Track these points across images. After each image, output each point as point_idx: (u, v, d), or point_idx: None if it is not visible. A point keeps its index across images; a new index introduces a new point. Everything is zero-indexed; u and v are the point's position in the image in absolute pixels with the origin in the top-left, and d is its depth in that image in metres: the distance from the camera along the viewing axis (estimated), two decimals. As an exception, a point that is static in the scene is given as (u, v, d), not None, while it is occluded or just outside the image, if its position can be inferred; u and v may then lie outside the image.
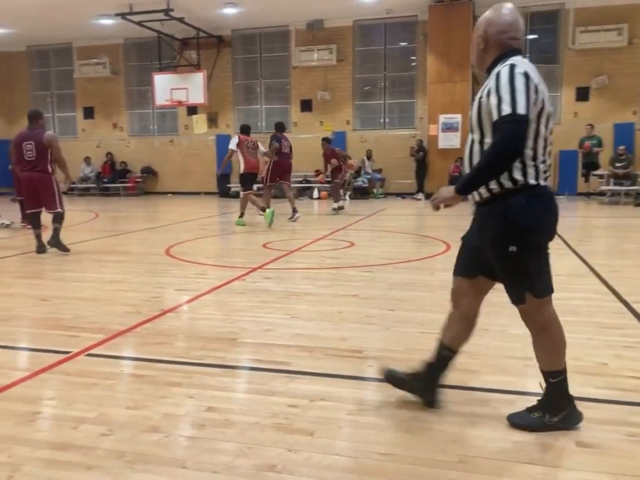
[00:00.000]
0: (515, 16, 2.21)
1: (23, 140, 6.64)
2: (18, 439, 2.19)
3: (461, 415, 2.35)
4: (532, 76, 2.05)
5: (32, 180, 6.61)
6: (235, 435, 2.20)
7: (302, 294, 4.54)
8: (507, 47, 2.18)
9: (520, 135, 1.98)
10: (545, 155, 2.14)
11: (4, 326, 3.74)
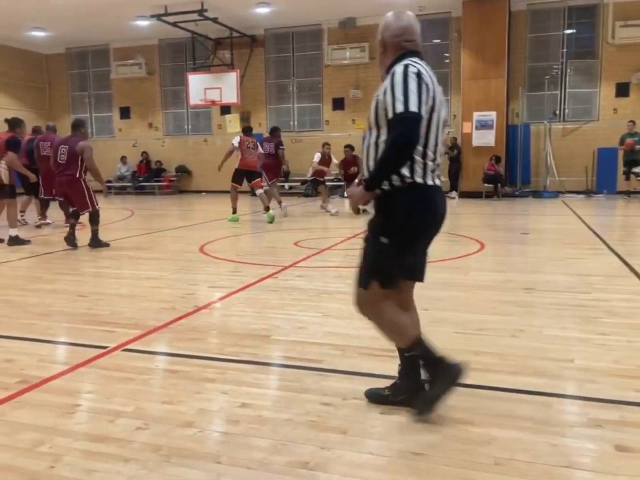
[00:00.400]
0: (409, 20, 2.32)
1: (60, 144, 6.93)
2: (59, 430, 2.25)
3: (497, 417, 2.31)
4: (425, 76, 2.14)
5: (61, 184, 6.96)
6: (268, 432, 2.21)
7: (334, 292, 4.54)
8: (403, 49, 2.27)
9: (414, 131, 2.08)
10: (436, 154, 2.23)
11: (45, 321, 3.84)
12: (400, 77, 2.10)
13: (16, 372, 2.88)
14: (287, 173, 13.19)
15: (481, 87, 14.63)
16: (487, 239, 7.36)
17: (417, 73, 2.12)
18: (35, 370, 2.91)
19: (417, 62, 2.19)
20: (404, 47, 2.28)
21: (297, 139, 17.73)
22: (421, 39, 2.36)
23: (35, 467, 1.97)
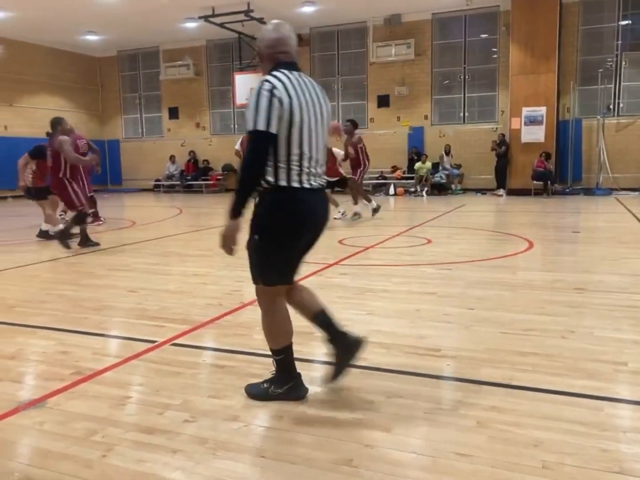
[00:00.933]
0: (283, 32, 2.42)
1: (48, 149, 7.05)
2: (111, 421, 2.33)
3: (544, 419, 2.26)
4: (279, 92, 2.22)
5: (52, 187, 7.09)
6: (312, 428, 2.23)
7: (378, 290, 4.53)
8: (276, 60, 2.38)
9: (259, 148, 2.23)
10: (303, 160, 2.30)
11: (97, 315, 3.99)
12: (254, 95, 2.22)
13: (71, 364, 3.00)
14: None
15: (530, 81, 14.27)
16: (535, 237, 7.18)
17: (270, 89, 2.21)
18: (89, 363, 3.02)
19: (281, 75, 2.28)
20: (277, 58, 2.38)
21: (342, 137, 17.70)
22: (296, 50, 2.46)
23: (89, 456, 2.05)
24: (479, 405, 2.40)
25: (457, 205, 12.36)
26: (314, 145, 2.35)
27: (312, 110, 2.33)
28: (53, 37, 17.52)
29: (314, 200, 2.39)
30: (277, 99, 2.20)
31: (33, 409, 2.45)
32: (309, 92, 2.34)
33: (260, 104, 2.20)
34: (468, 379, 2.69)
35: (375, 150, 17.23)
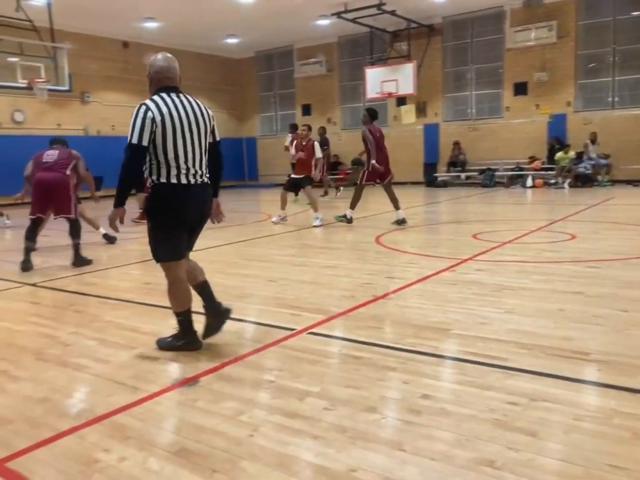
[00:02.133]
0: (170, 63, 3.14)
1: None
2: (256, 403, 2.47)
3: None
4: (153, 112, 2.91)
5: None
6: (451, 426, 2.19)
7: (517, 288, 4.32)
8: (162, 83, 3.08)
9: (132, 157, 2.92)
10: (179, 161, 2.98)
11: (241, 302, 4.23)
12: (133, 115, 2.91)
13: (218, 347, 3.22)
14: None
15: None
16: (701, 234, 6.41)
17: (145, 111, 2.90)
18: (234, 346, 3.22)
19: (157, 98, 2.98)
20: (162, 82, 3.08)
21: (474, 127, 17.11)
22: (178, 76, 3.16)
23: (237, 434, 2.19)
24: (636, 416, 2.20)
25: (604, 198, 11.39)
26: (189, 149, 3.01)
27: (187, 121, 3.00)
28: (198, 43, 18.80)
29: (189, 194, 3.04)
30: (150, 119, 2.88)
31: (187, 387, 2.67)
32: (184, 108, 3.01)
33: (135, 123, 2.89)
34: (622, 386, 2.48)
35: (511, 140, 16.44)
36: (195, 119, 3.05)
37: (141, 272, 5.59)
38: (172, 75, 3.11)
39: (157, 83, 3.08)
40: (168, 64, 3.12)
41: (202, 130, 3.07)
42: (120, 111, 16.30)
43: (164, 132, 2.92)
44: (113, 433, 2.23)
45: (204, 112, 3.13)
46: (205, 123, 3.11)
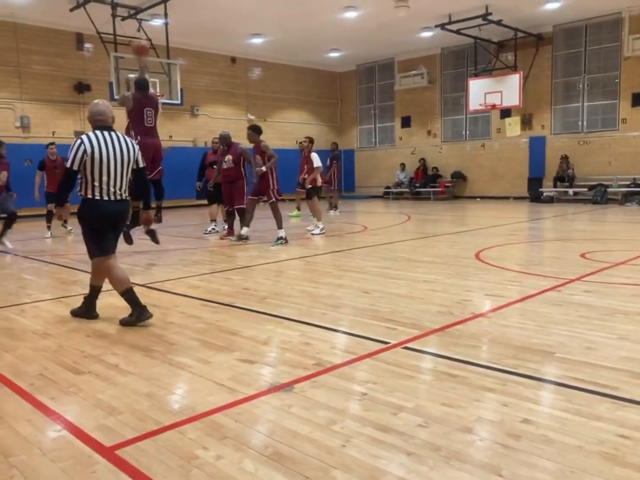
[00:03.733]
0: (104, 107, 4.10)
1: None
2: (349, 414, 2.47)
3: None
4: (85, 144, 3.93)
5: None
6: (555, 455, 2.06)
7: (631, 313, 4.01)
8: (97, 123, 4.07)
9: (67, 177, 4.02)
10: (102, 184, 3.98)
11: (335, 312, 4.26)
12: (72, 145, 3.97)
13: (312, 355, 3.26)
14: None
15: None
16: None
17: (80, 143, 3.94)
18: (328, 356, 3.24)
19: (91, 134, 3.98)
20: (97, 122, 4.06)
21: (585, 140, 16.20)
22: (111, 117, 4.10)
23: (330, 443, 2.19)
24: None
25: None
26: (112, 175, 3.99)
27: (113, 153, 3.97)
28: (301, 57, 19.35)
29: (109, 207, 4.02)
30: (83, 149, 3.91)
31: (282, 392, 2.72)
32: (112, 143, 3.98)
33: (72, 151, 3.92)
34: None
35: (627, 155, 15.38)
36: (121, 151, 4.02)
37: (242, 278, 5.79)
38: (104, 117, 4.06)
39: (95, 122, 4.06)
40: (104, 108, 4.08)
41: (125, 160, 4.04)
42: (227, 124, 17.07)
43: (92, 160, 3.92)
44: (211, 432, 2.32)
45: (129, 145, 4.09)
46: (129, 155, 4.08)
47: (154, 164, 7.05)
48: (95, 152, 3.91)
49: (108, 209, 4.02)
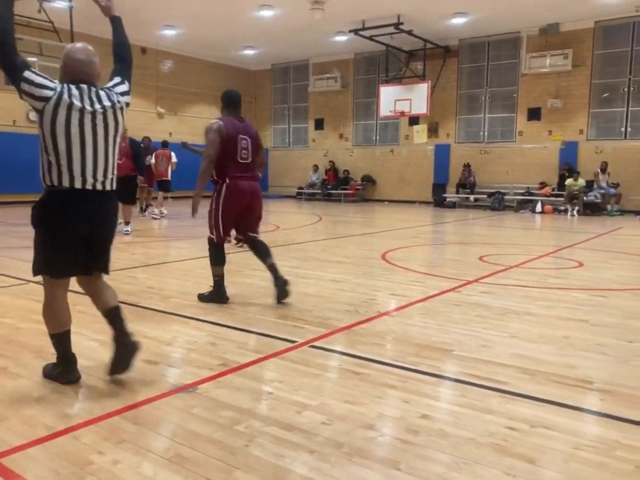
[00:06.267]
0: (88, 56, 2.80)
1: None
2: (253, 413, 2.45)
3: None
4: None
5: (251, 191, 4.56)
6: (449, 448, 2.16)
7: (522, 312, 4.29)
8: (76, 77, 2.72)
9: None
10: (72, 164, 2.61)
11: (243, 311, 4.22)
12: None
13: (218, 355, 3.20)
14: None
15: None
16: None
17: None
18: (235, 356, 3.20)
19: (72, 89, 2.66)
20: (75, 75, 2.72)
21: (486, 149, 17.15)
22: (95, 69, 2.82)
23: (233, 444, 2.17)
24: (639, 449, 2.17)
25: (613, 227, 11.35)
26: (96, 155, 2.68)
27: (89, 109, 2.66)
28: (215, 52, 19.02)
29: (86, 202, 2.67)
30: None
31: (185, 393, 2.65)
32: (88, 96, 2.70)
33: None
34: (626, 418, 2.45)
35: (522, 165, 16.45)
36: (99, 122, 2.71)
37: (146, 276, 5.59)
38: (90, 70, 2.77)
39: (71, 75, 2.71)
40: (89, 59, 2.78)
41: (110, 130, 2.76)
42: (136, 116, 16.43)
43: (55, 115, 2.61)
44: (108, 435, 2.22)
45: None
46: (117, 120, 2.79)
47: (251, 218, 4.57)
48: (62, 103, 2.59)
49: (71, 205, 2.66)
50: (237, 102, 4.65)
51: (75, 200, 2.65)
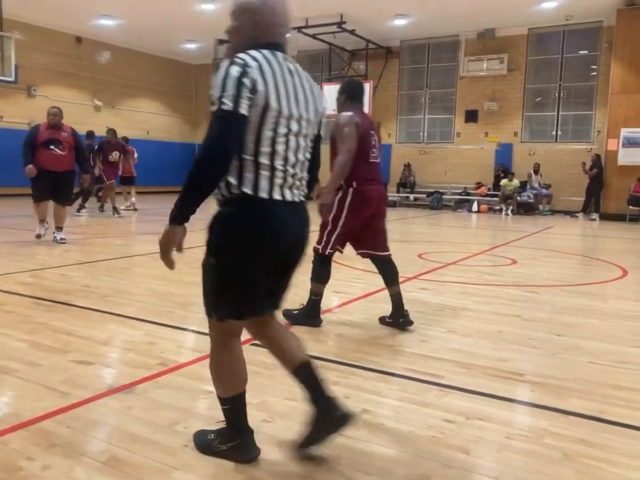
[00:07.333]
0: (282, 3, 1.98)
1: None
2: (193, 413, 2.41)
3: (637, 459, 2.11)
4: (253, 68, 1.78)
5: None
6: (389, 441, 2.20)
7: (458, 308, 4.42)
8: (266, 38, 1.95)
9: (225, 132, 1.73)
10: (275, 162, 1.84)
11: (182, 310, 4.14)
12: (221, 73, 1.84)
13: (157, 355, 3.13)
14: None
15: (632, 101, 13.53)
16: (630, 265, 6.76)
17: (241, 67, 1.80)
18: (174, 355, 3.14)
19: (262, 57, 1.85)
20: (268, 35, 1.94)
21: (425, 150, 17.54)
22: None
23: (172, 444, 2.12)
24: (566, 437, 2.28)
25: (544, 226, 11.87)
26: (294, 145, 1.91)
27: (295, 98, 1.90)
28: (155, 45, 18.55)
29: (292, 218, 1.93)
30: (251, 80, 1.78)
31: (122, 394, 2.58)
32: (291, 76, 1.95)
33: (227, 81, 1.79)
34: (554, 407, 2.57)
35: (460, 166, 16.94)
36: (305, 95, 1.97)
37: (81, 274, 5.39)
38: (285, 24, 1.98)
39: (262, 35, 1.92)
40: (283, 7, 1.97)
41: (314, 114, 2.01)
42: (69, 108, 15.81)
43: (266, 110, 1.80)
44: (39, 440, 2.12)
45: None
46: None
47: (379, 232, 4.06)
48: (273, 93, 1.81)
49: (278, 222, 1.88)
50: (363, 93, 4.10)
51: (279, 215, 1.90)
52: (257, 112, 1.78)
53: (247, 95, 1.75)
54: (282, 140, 1.85)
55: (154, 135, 19.46)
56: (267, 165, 1.83)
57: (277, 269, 1.99)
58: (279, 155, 1.85)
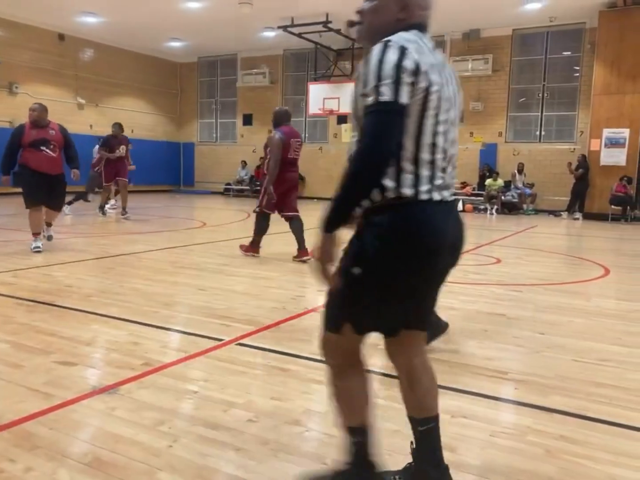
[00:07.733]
0: None
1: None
2: (178, 413, 2.40)
3: (621, 456, 2.14)
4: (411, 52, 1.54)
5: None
6: (376, 439, 2.20)
7: (444, 307, 4.43)
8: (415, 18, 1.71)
9: (385, 129, 1.50)
10: (436, 156, 1.60)
11: (167, 310, 4.12)
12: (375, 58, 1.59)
13: (141, 355, 3.11)
14: None
15: (614, 102, 13.68)
16: (612, 264, 6.85)
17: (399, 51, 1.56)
18: (158, 355, 3.12)
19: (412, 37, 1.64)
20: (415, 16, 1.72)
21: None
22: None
23: (156, 445, 2.11)
24: (549, 434, 2.30)
25: (528, 225, 11.97)
26: (449, 137, 1.67)
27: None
28: (140, 43, 18.40)
29: (450, 221, 1.69)
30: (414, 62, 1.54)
31: (106, 395, 2.56)
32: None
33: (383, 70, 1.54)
34: (537, 405, 2.59)
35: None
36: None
37: (64, 274, 5.33)
38: (431, 4, 1.76)
39: (410, 16, 1.69)
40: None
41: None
42: (52, 106, 15.63)
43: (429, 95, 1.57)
44: (20, 442, 2.10)
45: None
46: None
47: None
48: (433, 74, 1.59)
49: (439, 226, 1.64)
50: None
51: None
52: (419, 97, 1.55)
53: (408, 80, 1.51)
54: (442, 130, 1.62)
55: (139, 134, 19.29)
56: (428, 161, 1.60)
57: (435, 280, 1.74)
58: (438, 148, 1.62)
